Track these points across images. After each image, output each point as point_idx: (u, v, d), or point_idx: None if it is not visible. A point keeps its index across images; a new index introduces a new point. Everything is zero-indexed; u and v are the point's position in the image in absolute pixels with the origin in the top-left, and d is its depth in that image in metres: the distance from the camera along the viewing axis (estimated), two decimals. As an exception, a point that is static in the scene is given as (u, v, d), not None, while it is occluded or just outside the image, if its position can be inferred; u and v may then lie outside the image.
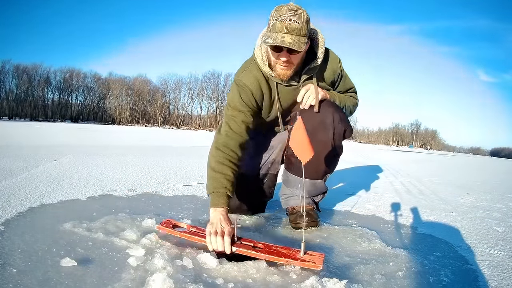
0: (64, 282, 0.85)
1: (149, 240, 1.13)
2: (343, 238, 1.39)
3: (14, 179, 2.00)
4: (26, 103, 45.14)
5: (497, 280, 1.09)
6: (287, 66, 1.27)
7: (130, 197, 1.83)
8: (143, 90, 51.61)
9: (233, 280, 0.94)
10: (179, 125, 50.66)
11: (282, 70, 1.28)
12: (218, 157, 1.28)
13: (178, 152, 4.92)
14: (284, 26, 1.15)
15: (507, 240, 1.57)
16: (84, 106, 50.58)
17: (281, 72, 1.29)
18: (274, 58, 1.26)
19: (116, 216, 1.40)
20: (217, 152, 1.30)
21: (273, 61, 1.28)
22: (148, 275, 0.89)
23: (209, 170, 1.29)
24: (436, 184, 3.57)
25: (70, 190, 1.86)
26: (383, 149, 18.94)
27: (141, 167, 3.00)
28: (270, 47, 1.24)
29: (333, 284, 0.91)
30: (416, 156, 11.75)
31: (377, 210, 2.01)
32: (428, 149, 50.57)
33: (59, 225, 1.25)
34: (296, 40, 1.16)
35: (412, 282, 1.02)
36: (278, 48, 1.21)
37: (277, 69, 1.29)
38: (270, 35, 1.18)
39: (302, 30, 1.17)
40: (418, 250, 1.31)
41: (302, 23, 1.16)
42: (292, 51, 1.21)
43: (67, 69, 48.29)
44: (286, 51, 1.21)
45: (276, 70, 1.30)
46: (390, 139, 66.90)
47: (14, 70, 43.88)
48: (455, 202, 2.49)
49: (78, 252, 1.03)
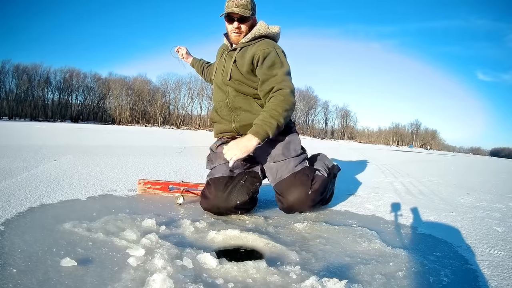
0: (64, 282, 0.85)
1: (149, 240, 1.13)
2: (343, 238, 1.39)
3: (14, 179, 2.00)
4: (26, 103, 45.11)
5: (497, 280, 1.09)
6: (238, 33, 1.66)
7: (130, 197, 1.83)
8: (143, 90, 51.55)
9: (233, 280, 0.94)
10: (179, 125, 50.65)
11: (234, 36, 1.67)
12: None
13: (178, 152, 4.92)
14: (234, 3, 1.59)
15: (507, 240, 1.58)
16: (84, 106, 50.53)
17: (234, 38, 1.68)
18: (229, 28, 1.67)
19: (116, 216, 1.41)
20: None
21: (229, 31, 1.68)
22: (148, 275, 0.90)
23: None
24: (436, 184, 3.57)
25: (70, 190, 1.86)
26: (383, 149, 18.95)
27: (141, 167, 3.00)
28: (225, 19, 1.66)
29: (333, 284, 0.91)
30: (416, 156, 11.75)
31: (377, 210, 2.01)
32: (428, 149, 50.58)
33: (59, 225, 1.25)
34: (242, 10, 1.58)
35: (412, 282, 1.02)
36: (230, 19, 1.63)
37: (232, 36, 1.68)
38: (224, 9, 1.62)
39: (247, 6, 1.60)
40: (418, 250, 1.31)
41: (247, 1, 1.60)
42: (241, 21, 1.62)
43: (67, 69, 48.26)
44: (237, 20, 1.62)
45: (231, 37, 1.69)
46: (390, 139, 66.89)
47: (14, 70, 43.86)
48: (455, 202, 2.49)
49: (78, 252, 1.03)
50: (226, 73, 1.69)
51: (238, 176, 1.59)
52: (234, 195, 1.52)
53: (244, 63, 1.62)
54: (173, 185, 1.95)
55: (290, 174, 1.57)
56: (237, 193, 1.52)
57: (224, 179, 1.57)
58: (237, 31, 1.64)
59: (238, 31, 1.64)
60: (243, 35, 1.66)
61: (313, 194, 1.53)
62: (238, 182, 1.56)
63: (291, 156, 1.62)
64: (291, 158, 1.62)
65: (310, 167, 1.66)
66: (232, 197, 1.52)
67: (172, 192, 1.93)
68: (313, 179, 1.56)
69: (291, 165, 1.59)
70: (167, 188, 1.94)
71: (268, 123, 1.46)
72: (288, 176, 1.57)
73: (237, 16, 1.61)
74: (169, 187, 1.94)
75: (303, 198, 1.52)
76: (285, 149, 1.63)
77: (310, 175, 1.57)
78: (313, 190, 1.53)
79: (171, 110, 53.87)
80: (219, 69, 1.76)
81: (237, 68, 1.65)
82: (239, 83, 1.66)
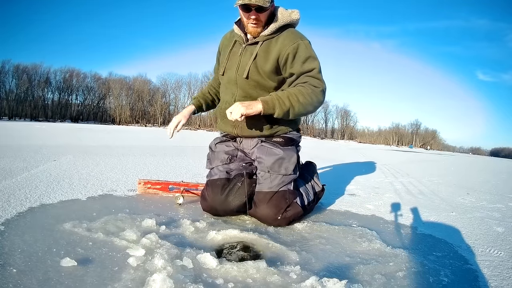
0: (64, 282, 0.85)
1: (149, 240, 1.13)
2: (343, 238, 1.39)
3: (14, 179, 2.00)
4: (26, 103, 45.11)
5: (497, 280, 1.09)
6: (257, 24, 1.48)
7: (130, 197, 1.83)
8: (143, 90, 51.57)
9: (233, 280, 0.94)
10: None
11: (252, 28, 1.49)
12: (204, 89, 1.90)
13: (179, 152, 4.92)
14: None
15: (507, 240, 1.58)
16: (84, 106, 50.55)
17: (252, 29, 1.50)
18: (245, 18, 1.48)
19: (116, 216, 1.41)
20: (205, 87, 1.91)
21: (245, 21, 1.49)
22: (148, 275, 0.90)
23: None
24: (436, 184, 3.57)
25: (70, 190, 1.86)
26: (383, 149, 18.94)
27: (141, 167, 3.00)
28: (241, 8, 1.46)
29: (333, 284, 0.91)
30: (416, 156, 11.75)
31: (377, 210, 2.01)
32: (428, 149, 50.57)
33: (59, 225, 1.25)
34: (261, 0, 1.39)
35: (412, 282, 1.02)
36: (247, 8, 1.43)
37: (249, 27, 1.50)
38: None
39: None
40: (418, 250, 1.31)
41: None
42: (259, 10, 1.43)
43: (67, 69, 48.27)
44: (254, 10, 1.43)
45: (248, 28, 1.50)
46: (390, 139, 66.88)
47: (14, 70, 43.86)
48: (455, 202, 2.49)
49: (78, 252, 1.03)
50: (243, 70, 1.54)
51: (235, 179, 1.55)
52: (231, 198, 1.50)
53: (268, 61, 1.50)
54: (173, 185, 1.95)
55: (270, 191, 1.50)
56: (234, 196, 1.51)
57: (221, 182, 1.54)
58: (255, 22, 1.46)
59: (256, 22, 1.47)
60: (261, 25, 1.49)
61: (281, 220, 1.47)
62: (235, 185, 1.53)
63: (280, 173, 1.52)
64: (278, 175, 1.52)
65: (293, 191, 1.54)
66: (229, 200, 1.50)
67: (172, 192, 1.93)
68: (289, 205, 1.49)
69: (275, 183, 1.51)
70: (167, 188, 1.94)
71: (282, 102, 1.42)
72: (267, 192, 1.50)
73: (255, 6, 1.42)
74: (169, 187, 1.94)
75: (270, 219, 1.47)
76: (276, 164, 1.53)
77: (288, 200, 1.50)
78: (283, 217, 1.47)
79: (171, 110, 53.86)
80: (233, 64, 1.58)
81: (257, 67, 1.51)
82: (254, 84, 1.54)
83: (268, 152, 1.56)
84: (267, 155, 1.56)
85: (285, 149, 1.57)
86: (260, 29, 1.49)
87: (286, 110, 1.44)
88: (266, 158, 1.55)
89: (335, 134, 62.41)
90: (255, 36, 1.52)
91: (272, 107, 1.43)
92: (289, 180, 1.54)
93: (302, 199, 1.59)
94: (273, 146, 1.57)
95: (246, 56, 1.54)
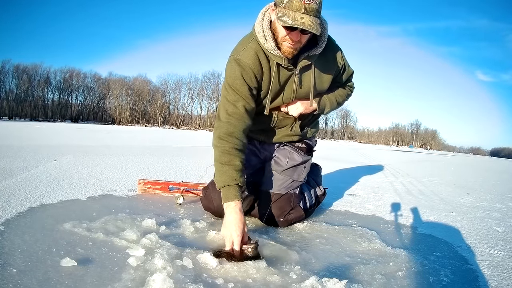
0: (64, 282, 0.85)
1: (149, 240, 1.13)
2: (343, 238, 1.39)
3: (14, 179, 2.00)
4: (26, 103, 45.12)
5: (497, 280, 1.09)
6: (295, 45, 1.22)
7: (130, 197, 1.83)
8: (143, 90, 51.60)
9: (233, 280, 0.94)
10: (179, 125, 50.65)
11: (289, 48, 1.23)
12: (223, 147, 1.25)
13: (178, 152, 4.92)
14: (302, 6, 1.10)
15: (507, 240, 1.58)
16: (84, 106, 50.56)
17: (287, 50, 1.23)
18: (283, 35, 1.21)
19: (116, 216, 1.40)
20: (221, 142, 1.26)
21: (281, 38, 1.22)
22: (148, 275, 0.89)
23: (216, 163, 1.26)
24: (436, 184, 3.57)
25: (70, 190, 1.86)
26: (383, 149, 18.94)
27: (141, 167, 3.00)
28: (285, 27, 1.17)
29: (333, 284, 0.91)
30: (416, 156, 11.75)
31: (377, 210, 2.01)
32: (428, 149, 50.56)
33: (59, 225, 1.25)
34: (314, 22, 1.11)
35: (412, 282, 1.02)
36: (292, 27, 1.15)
37: (284, 46, 1.23)
38: (287, 13, 1.12)
39: (319, 11, 1.15)
40: (418, 250, 1.31)
41: (319, 3, 1.13)
42: (304, 31, 1.16)
43: (67, 69, 48.29)
44: (299, 31, 1.16)
45: (282, 47, 1.24)
46: (390, 139, 66.88)
47: (14, 70, 43.87)
48: (455, 202, 2.49)
49: (78, 252, 1.03)
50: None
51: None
52: None
53: (324, 80, 1.41)
54: (173, 185, 1.95)
55: (277, 193, 1.50)
56: None
57: None
58: (294, 44, 1.21)
59: (296, 44, 1.21)
60: (298, 48, 1.25)
61: (283, 222, 1.48)
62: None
63: (292, 178, 1.53)
64: (289, 179, 1.52)
65: (298, 194, 1.56)
66: None
67: (172, 192, 1.93)
68: (293, 208, 1.51)
69: (284, 185, 1.51)
70: (167, 188, 1.94)
71: (331, 102, 1.51)
72: (274, 193, 1.50)
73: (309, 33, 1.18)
74: (169, 187, 1.94)
75: (272, 219, 1.48)
76: (292, 169, 1.53)
77: (293, 203, 1.51)
78: (285, 219, 1.48)
79: (171, 110, 53.91)
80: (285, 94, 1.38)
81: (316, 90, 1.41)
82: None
83: (288, 156, 1.55)
84: (286, 158, 1.55)
85: (304, 157, 1.57)
86: (296, 51, 1.26)
87: (330, 109, 1.53)
88: (284, 161, 1.54)
89: (335, 134, 62.43)
90: (288, 57, 1.26)
91: (323, 108, 1.50)
92: (297, 185, 1.55)
93: (305, 203, 1.61)
94: (294, 151, 1.56)
95: (305, 86, 1.37)
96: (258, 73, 1.30)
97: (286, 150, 1.56)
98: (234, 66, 1.29)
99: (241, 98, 1.29)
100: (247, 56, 1.28)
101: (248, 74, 1.28)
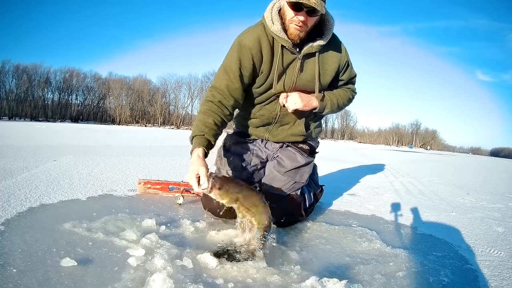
0: (64, 282, 0.85)
1: (149, 240, 1.13)
2: (343, 238, 1.39)
3: (14, 179, 2.00)
4: (26, 103, 45.09)
5: (497, 280, 1.09)
6: (302, 27, 1.26)
7: (130, 197, 1.83)
8: (143, 90, 51.57)
9: (233, 280, 0.94)
10: (179, 125, 50.66)
11: (295, 30, 1.27)
12: (201, 108, 1.37)
13: (178, 152, 4.92)
14: None
15: (507, 240, 1.58)
16: (84, 106, 50.54)
17: (294, 32, 1.28)
18: (290, 17, 1.25)
19: (116, 216, 1.41)
20: (202, 105, 1.38)
21: (289, 19, 1.27)
22: (148, 275, 0.90)
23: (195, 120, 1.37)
24: (436, 184, 3.57)
25: (70, 190, 1.86)
26: (383, 149, 18.94)
27: (141, 167, 3.00)
28: (290, 5, 1.22)
29: (333, 284, 0.91)
30: (416, 156, 11.75)
31: (377, 210, 2.01)
32: (428, 149, 50.56)
33: (59, 225, 1.25)
34: (319, 1, 1.17)
35: (412, 282, 1.02)
36: (297, 7, 1.20)
37: (291, 28, 1.28)
38: None
39: None
40: (418, 250, 1.31)
41: None
42: (311, 13, 1.22)
43: (67, 69, 48.24)
44: (305, 11, 1.21)
45: (289, 29, 1.28)
46: (390, 139, 66.88)
47: (14, 70, 43.84)
48: (455, 202, 2.49)
49: (78, 252, 1.03)
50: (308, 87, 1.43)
51: None
52: None
53: (327, 73, 1.42)
54: (173, 185, 1.95)
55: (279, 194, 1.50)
56: None
57: None
58: (301, 25, 1.25)
59: (302, 25, 1.25)
60: (306, 30, 1.28)
61: (284, 223, 1.49)
62: None
63: (294, 179, 1.54)
64: (291, 180, 1.54)
65: (299, 196, 1.57)
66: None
67: (172, 192, 1.93)
68: (294, 209, 1.53)
69: (287, 186, 1.52)
70: (167, 188, 1.94)
71: (332, 103, 1.48)
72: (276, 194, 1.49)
73: (309, 8, 1.19)
74: (169, 187, 1.94)
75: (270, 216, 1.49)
76: (294, 171, 1.53)
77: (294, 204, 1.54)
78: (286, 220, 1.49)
79: (171, 110, 53.88)
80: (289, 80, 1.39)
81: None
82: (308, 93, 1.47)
83: (291, 157, 1.55)
84: (289, 159, 1.55)
85: (307, 158, 1.57)
86: (303, 34, 1.29)
87: (330, 110, 1.50)
88: (287, 162, 1.54)
89: (335, 134, 62.42)
90: (294, 39, 1.30)
91: (323, 108, 1.47)
92: (299, 186, 1.55)
93: (305, 203, 1.61)
94: (297, 152, 1.56)
95: (307, 73, 1.39)
96: (256, 55, 1.34)
97: (290, 151, 1.56)
98: (233, 46, 1.37)
99: (227, 77, 1.36)
100: (248, 38, 1.34)
101: (244, 54, 1.34)
